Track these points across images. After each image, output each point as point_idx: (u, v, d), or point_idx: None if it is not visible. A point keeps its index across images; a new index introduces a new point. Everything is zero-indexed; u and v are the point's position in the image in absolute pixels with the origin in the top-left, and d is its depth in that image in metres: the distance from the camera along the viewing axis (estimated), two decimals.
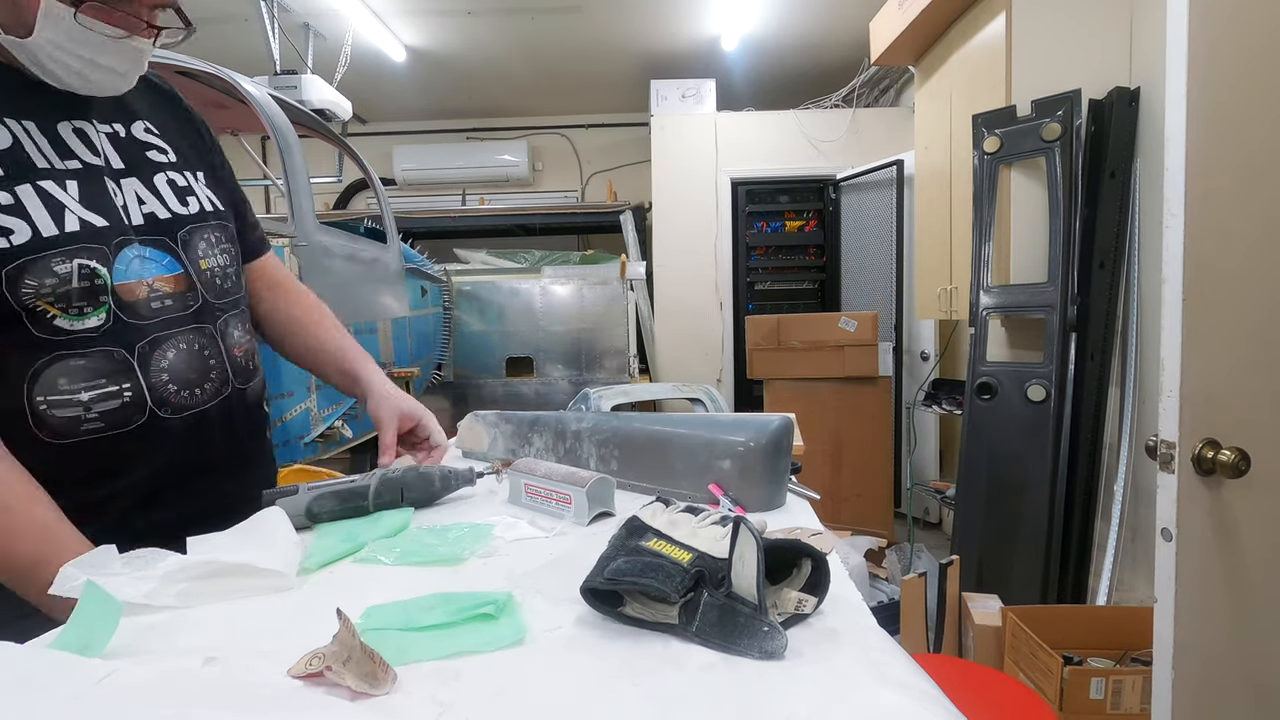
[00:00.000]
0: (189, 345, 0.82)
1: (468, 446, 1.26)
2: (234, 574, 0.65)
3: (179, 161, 0.87)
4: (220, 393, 0.86)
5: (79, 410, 0.73)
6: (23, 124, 0.72)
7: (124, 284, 0.76)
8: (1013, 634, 1.89)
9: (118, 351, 0.76)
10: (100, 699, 0.46)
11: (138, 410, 0.77)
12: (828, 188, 4.29)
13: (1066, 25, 2.31)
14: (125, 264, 0.77)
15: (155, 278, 0.79)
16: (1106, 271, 2.24)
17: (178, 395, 0.81)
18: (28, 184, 0.70)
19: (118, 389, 0.76)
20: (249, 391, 0.92)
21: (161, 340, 0.79)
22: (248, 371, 0.92)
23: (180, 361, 0.81)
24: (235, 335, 0.90)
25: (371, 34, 3.66)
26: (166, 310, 0.80)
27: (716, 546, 0.58)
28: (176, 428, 0.81)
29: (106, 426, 0.76)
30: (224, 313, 0.88)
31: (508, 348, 4.20)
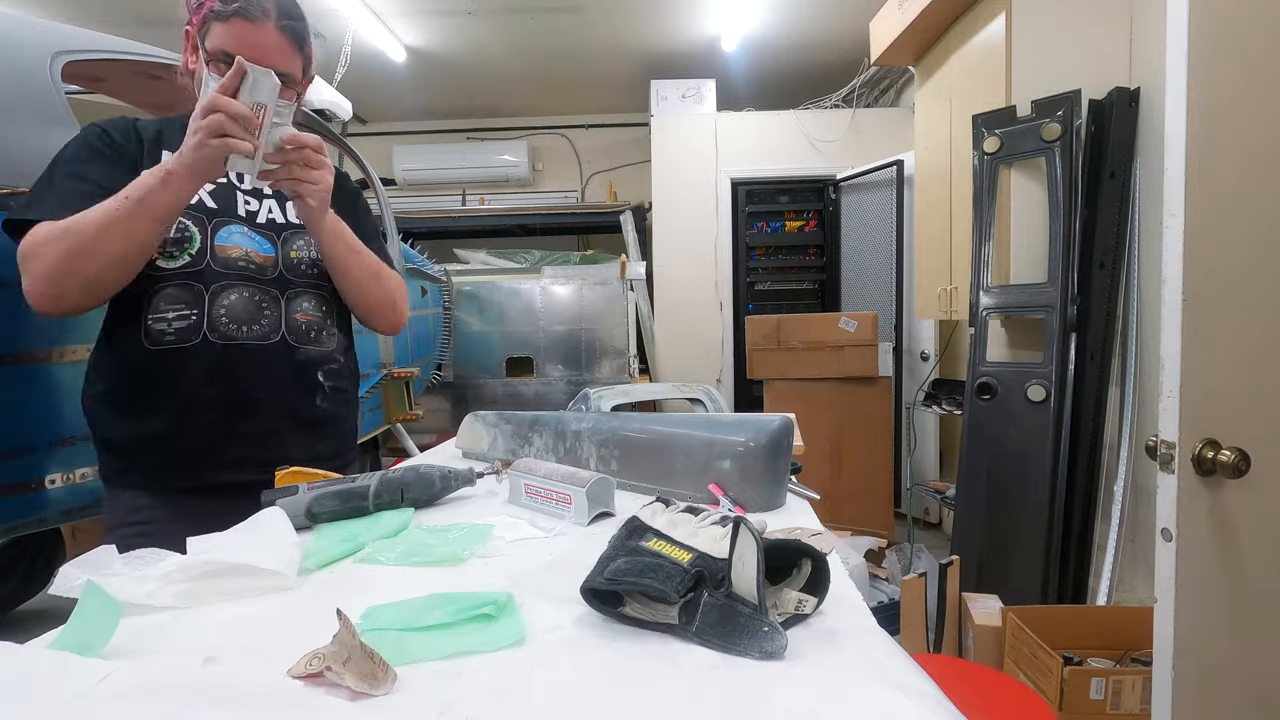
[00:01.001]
0: (250, 295, 1.09)
1: (468, 446, 1.26)
2: (234, 574, 0.65)
3: None
4: (267, 338, 1.10)
5: (165, 325, 1.04)
6: None
7: (223, 245, 1.08)
8: (1013, 634, 1.89)
9: (197, 286, 1.06)
10: (100, 699, 0.46)
11: (196, 331, 1.05)
12: (828, 188, 4.29)
13: (1066, 25, 2.31)
14: (228, 235, 1.09)
15: (251, 251, 1.11)
16: (1106, 271, 2.24)
17: (227, 327, 1.07)
18: None
19: (189, 313, 1.05)
20: (301, 352, 1.14)
21: (231, 287, 1.08)
22: (305, 336, 1.14)
23: (239, 304, 1.08)
24: (303, 305, 1.15)
25: (371, 34, 3.66)
26: (249, 271, 1.10)
27: (716, 547, 0.58)
28: (220, 352, 1.06)
29: (177, 340, 1.04)
30: (297, 288, 1.15)
31: (508, 348, 4.20)
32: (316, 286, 1.17)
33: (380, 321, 1.26)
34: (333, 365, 1.19)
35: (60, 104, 1.45)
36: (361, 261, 1.18)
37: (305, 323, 1.15)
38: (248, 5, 1.02)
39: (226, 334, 1.06)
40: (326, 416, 1.18)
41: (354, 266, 1.17)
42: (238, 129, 0.94)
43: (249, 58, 0.98)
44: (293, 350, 1.13)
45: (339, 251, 1.15)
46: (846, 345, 3.34)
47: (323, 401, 1.18)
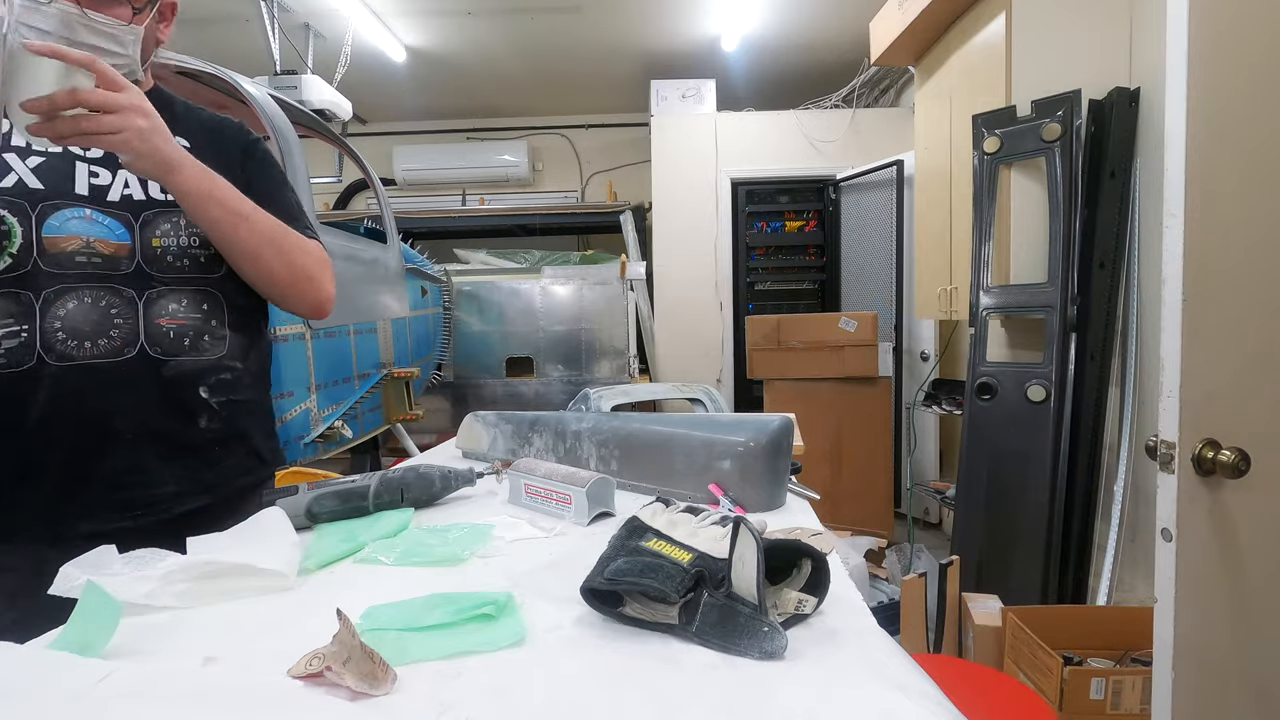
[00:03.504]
0: (94, 300, 0.87)
1: (468, 446, 1.26)
2: (234, 574, 0.65)
3: None
4: (119, 353, 0.88)
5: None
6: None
7: (53, 238, 0.86)
8: (1013, 634, 1.89)
9: (25, 294, 0.84)
10: (100, 699, 0.46)
11: (26, 353, 0.84)
12: (828, 188, 4.29)
13: (1066, 25, 2.31)
14: (60, 222, 0.86)
15: (96, 239, 0.88)
16: (1106, 271, 2.24)
17: (65, 344, 0.85)
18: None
19: (18, 329, 0.83)
20: (170, 365, 0.92)
21: (68, 292, 0.86)
22: (176, 345, 0.92)
23: (78, 314, 0.86)
24: (169, 307, 0.92)
25: (371, 34, 3.66)
26: (90, 267, 0.87)
27: (716, 547, 0.58)
28: (59, 376, 0.85)
29: (8, 364, 0.83)
30: (161, 285, 0.91)
31: (508, 348, 4.20)
32: (192, 280, 0.94)
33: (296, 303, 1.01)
34: (222, 376, 0.96)
35: None
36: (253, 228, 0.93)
37: (174, 328, 0.92)
38: None
39: (65, 353, 0.85)
40: (216, 439, 0.96)
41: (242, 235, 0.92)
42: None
43: None
44: (157, 365, 0.90)
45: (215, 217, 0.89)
46: (846, 345, 3.34)
47: (210, 422, 0.95)
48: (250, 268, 0.95)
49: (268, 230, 0.95)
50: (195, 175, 0.86)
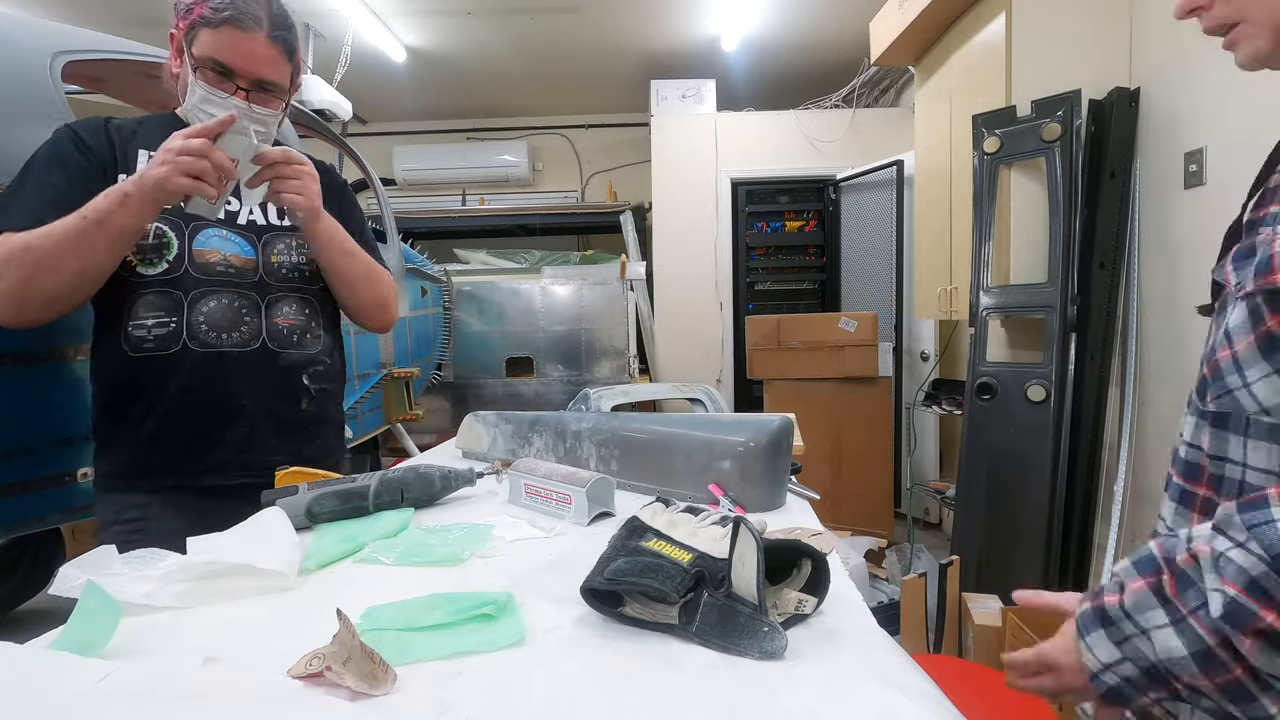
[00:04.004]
0: (230, 301, 1.10)
1: (468, 446, 1.26)
2: (234, 574, 0.65)
3: None
4: (247, 344, 1.10)
5: (144, 332, 1.05)
6: None
7: (201, 250, 1.09)
8: (1013, 634, 1.89)
9: (175, 294, 1.06)
10: (100, 699, 0.46)
11: (176, 339, 1.06)
12: (828, 188, 4.29)
13: (1066, 25, 2.31)
14: (206, 239, 1.09)
15: (231, 255, 1.11)
16: (1106, 271, 2.24)
17: (206, 334, 1.07)
18: None
19: (168, 320, 1.06)
20: (283, 357, 1.14)
21: (210, 294, 1.08)
22: (287, 340, 1.15)
23: (217, 311, 1.09)
24: (284, 310, 1.15)
25: (371, 34, 3.66)
26: (228, 275, 1.10)
27: (716, 547, 0.58)
28: (199, 360, 1.07)
29: (156, 347, 1.05)
30: (279, 293, 1.15)
31: (508, 348, 4.20)
32: (298, 290, 1.17)
33: (372, 322, 1.28)
34: (318, 368, 1.19)
35: (60, 104, 1.45)
36: (355, 264, 1.19)
37: (287, 327, 1.15)
38: (240, 14, 1.03)
39: (206, 341, 1.07)
40: (313, 419, 1.19)
41: (347, 270, 1.18)
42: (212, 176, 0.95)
43: (239, 66, 1.04)
44: (274, 356, 1.13)
45: (333, 256, 1.16)
46: (846, 345, 3.34)
47: (309, 405, 1.18)
48: (346, 293, 1.21)
49: (365, 267, 1.21)
50: (329, 223, 1.14)
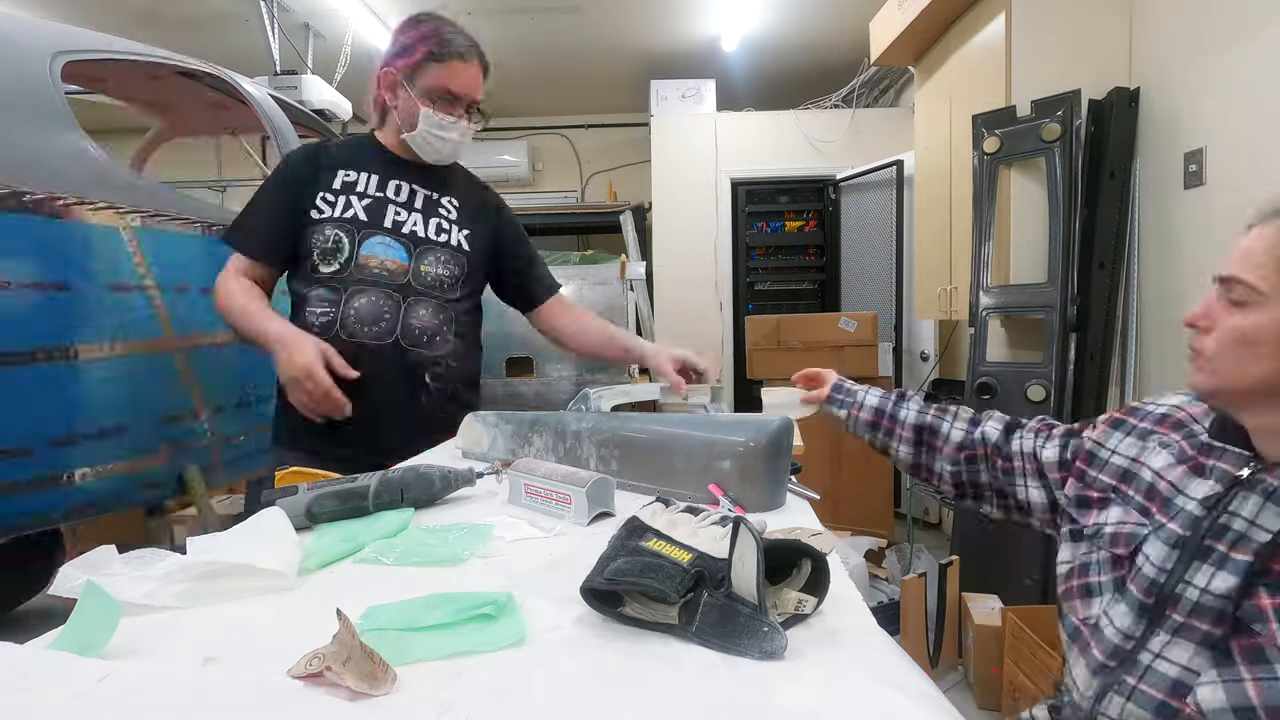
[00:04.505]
0: (377, 299, 1.29)
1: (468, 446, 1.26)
2: (234, 574, 0.65)
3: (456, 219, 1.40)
4: (383, 339, 1.28)
5: (313, 319, 1.28)
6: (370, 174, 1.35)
7: (365, 255, 1.30)
8: (1013, 634, 1.89)
9: (339, 289, 1.28)
10: (100, 699, 0.46)
11: (330, 327, 1.27)
12: (827, 188, 4.29)
13: (1066, 25, 2.31)
14: (370, 245, 1.31)
15: (386, 259, 1.31)
16: (1106, 271, 2.24)
17: (353, 326, 1.28)
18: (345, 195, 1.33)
19: (329, 310, 1.28)
20: (411, 354, 1.31)
21: (363, 291, 1.29)
22: (417, 340, 1.32)
23: (365, 307, 1.28)
24: (421, 314, 1.32)
25: (371, 34, 3.66)
26: (382, 277, 1.30)
27: (716, 547, 0.58)
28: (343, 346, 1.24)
29: (319, 332, 1.25)
30: (421, 297, 1.33)
31: (508, 348, 4.19)
32: (436, 297, 1.34)
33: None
34: (438, 368, 1.34)
35: (60, 104, 1.45)
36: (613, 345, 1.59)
37: (420, 328, 1.31)
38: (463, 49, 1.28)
39: (352, 332, 1.27)
40: (430, 414, 1.32)
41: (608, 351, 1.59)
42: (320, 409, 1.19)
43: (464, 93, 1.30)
44: (404, 352, 1.30)
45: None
46: (846, 345, 3.34)
47: (427, 400, 1.32)
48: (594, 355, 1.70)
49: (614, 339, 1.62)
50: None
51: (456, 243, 1.39)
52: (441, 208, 1.40)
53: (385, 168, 1.36)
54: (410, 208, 1.36)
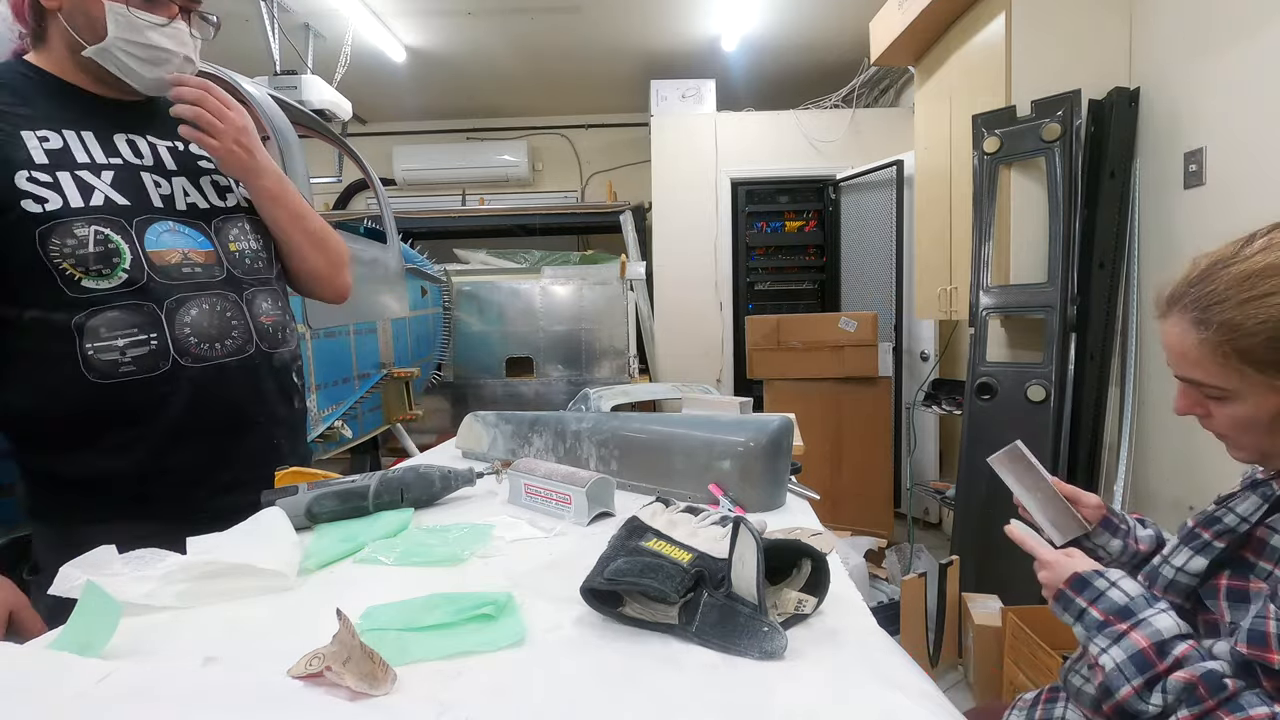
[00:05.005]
0: (211, 306, 0.97)
1: (468, 446, 1.26)
2: (234, 574, 0.65)
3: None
4: (243, 350, 1.00)
5: (116, 355, 0.90)
6: (80, 134, 0.92)
7: (156, 251, 0.93)
8: (1013, 634, 1.89)
9: (147, 305, 0.92)
10: (100, 699, 0.46)
11: (163, 358, 0.92)
12: (827, 188, 4.28)
13: (1066, 25, 2.31)
14: (156, 236, 0.94)
15: (188, 249, 0.97)
16: (1106, 271, 2.24)
17: (197, 347, 0.95)
18: (66, 171, 0.90)
19: (146, 338, 0.91)
20: (275, 357, 1.05)
21: (187, 300, 0.95)
22: (275, 339, 1.05)
23: (202, 319, 0.96)
24: (263, 306, 1.04)
25: (371, 34, 3.66)
26: (195, 276, 0.96)
27: (716, 547, 0.58)
28: (197, 376, 0.94)
29: (138, 370, 0.91)
30: (251, 286, 1.03)
31: (508, 348, 4.19)
32: (265, 280, 1.05)
33: (325, 290, 1.16)
34: (299, 363, 1.11)
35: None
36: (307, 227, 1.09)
37: (270, 325, 1.04)
38: None
39: (200, 355, 0.95)
40: (301, 416, 1.12)
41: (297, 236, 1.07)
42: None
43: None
44: (269, 357, 1.03)
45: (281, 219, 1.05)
46: (846, 345, 3.34)
47: (299, 403, 1.10)
48: (296, 259, 1.10)
49: (318, 229, 1.10)
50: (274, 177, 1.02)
51: (244, 199, 1.06)
52: (202, 159, 1.03)
53: (87, 115, 0.93)
54: (163, 170, 0.98)
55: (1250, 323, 0.68)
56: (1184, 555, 0.78)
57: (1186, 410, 0.77)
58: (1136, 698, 0.67)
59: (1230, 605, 0.70)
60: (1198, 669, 0.65)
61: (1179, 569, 0.77)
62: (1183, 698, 0.64)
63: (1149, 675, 0.67)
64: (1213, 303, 0.70)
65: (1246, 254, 0.71)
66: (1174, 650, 0.67)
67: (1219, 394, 0.72)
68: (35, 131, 0.89)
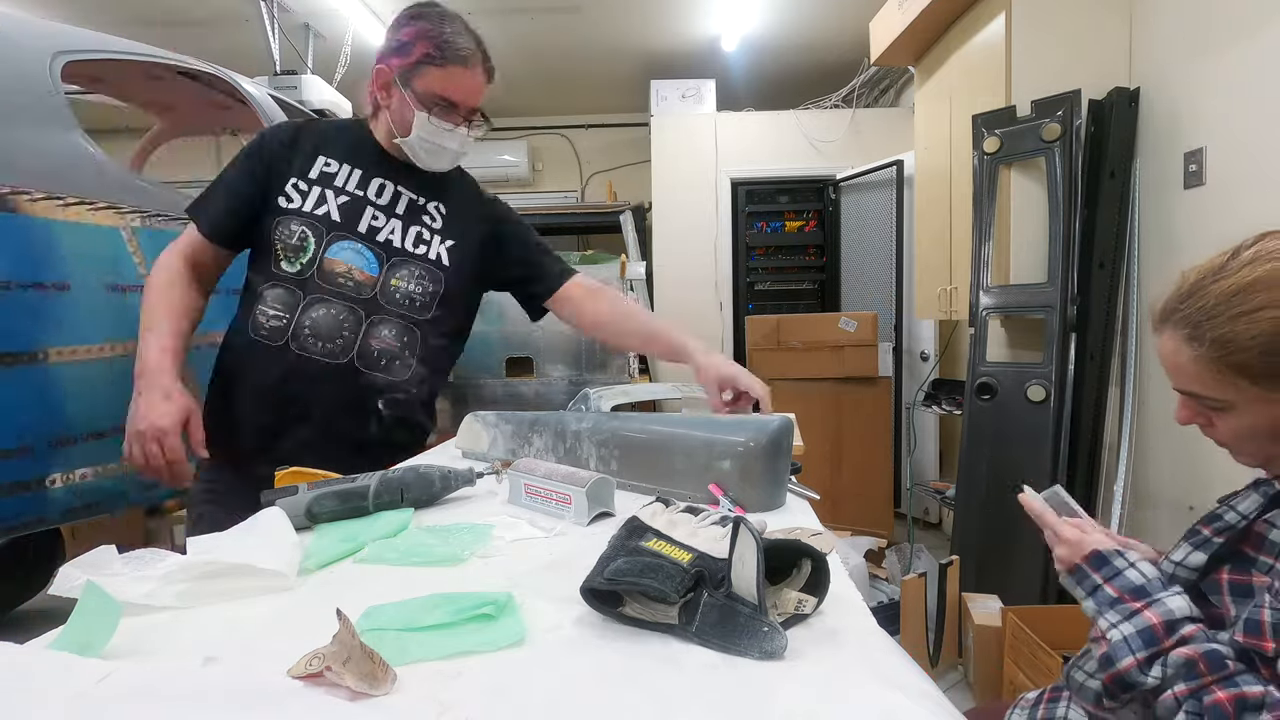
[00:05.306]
0: (336, 313, 1.16)
1: (468, 447, 1.26)
2: (234, 574, 0.65)
3: (440, 229, 1.26)
4: (337, 358, 1.16)
5: (265, 320, 1.15)
6: (353, 168, 1.21)
7: (330, 259, 1.17)
8: (1013, 634, 1.89)
9: (298, 294, 1.16)
10: (100, 699, 0.46)
11: (281, 335, 1.15)
12: (827, 188, 4.29)
13: (1066, 25, 2.31)
14: (339, 249, 1.17)
15: (354, 267, 1.18)
16: (1106, 271, 2.24)
17: (306, 340, 1.15)
18: (320, 187, 1.19)
19: (282, 316, 1.15)
20: (365, 377, 1.18)
21: (324, 301, 1.16)
22: (374, 362, 1.19)
23: (322, 320, 1.15)
24: (384, 333, 1.19)
25: (371, 34, 3.66)
26: (346, 288, 1.17)
27: (716, 547, 0.58)
28: (293, 360, 1.14)
29: (268, 337, 1.15)
30: (386, 315, 1.20)
31: (508, 348, 4.19)
32: (404, 317, 1.21)
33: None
34: (397, 395, 1.21)
35: (60, 104, 1.45)
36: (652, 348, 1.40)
37: (379, 350, 1.19)
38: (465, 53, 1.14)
39: (304, 345, 1.14)
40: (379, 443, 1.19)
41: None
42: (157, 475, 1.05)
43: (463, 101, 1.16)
44: (358, 374, 1.17)
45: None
46: (846, 345, 3.34)
47: (377, 429, 1.20)
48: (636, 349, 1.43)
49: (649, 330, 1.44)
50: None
51: (436, 256, 1.25)
52: (426, 214, 1.26)
53: (371, 163, 1.23)
54: (390, 212, 1.22)
55: (1243, 338, 0.68)
56: (1183, 550, 0.79)
57: (1188, 421, 0.78)
58: (1137, 670, 0.68)
59: (1235, 600, 0.71)
60: (1201, 647, 0.66)
61: (1178, 563, 0.78)
62: (1181, 672, 0.65)
63: (1153, 650, 0.68)
64: (1204, 319, 0.71)
65: (1234, 267, 0.72)
66: (1180, 630, 0.68)
67: (1218, 405, 0.73)
68: (325, 158, 1.20)
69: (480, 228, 1.32)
